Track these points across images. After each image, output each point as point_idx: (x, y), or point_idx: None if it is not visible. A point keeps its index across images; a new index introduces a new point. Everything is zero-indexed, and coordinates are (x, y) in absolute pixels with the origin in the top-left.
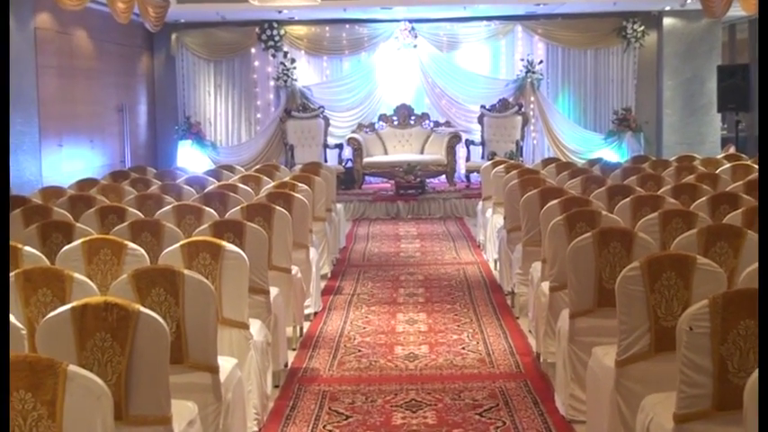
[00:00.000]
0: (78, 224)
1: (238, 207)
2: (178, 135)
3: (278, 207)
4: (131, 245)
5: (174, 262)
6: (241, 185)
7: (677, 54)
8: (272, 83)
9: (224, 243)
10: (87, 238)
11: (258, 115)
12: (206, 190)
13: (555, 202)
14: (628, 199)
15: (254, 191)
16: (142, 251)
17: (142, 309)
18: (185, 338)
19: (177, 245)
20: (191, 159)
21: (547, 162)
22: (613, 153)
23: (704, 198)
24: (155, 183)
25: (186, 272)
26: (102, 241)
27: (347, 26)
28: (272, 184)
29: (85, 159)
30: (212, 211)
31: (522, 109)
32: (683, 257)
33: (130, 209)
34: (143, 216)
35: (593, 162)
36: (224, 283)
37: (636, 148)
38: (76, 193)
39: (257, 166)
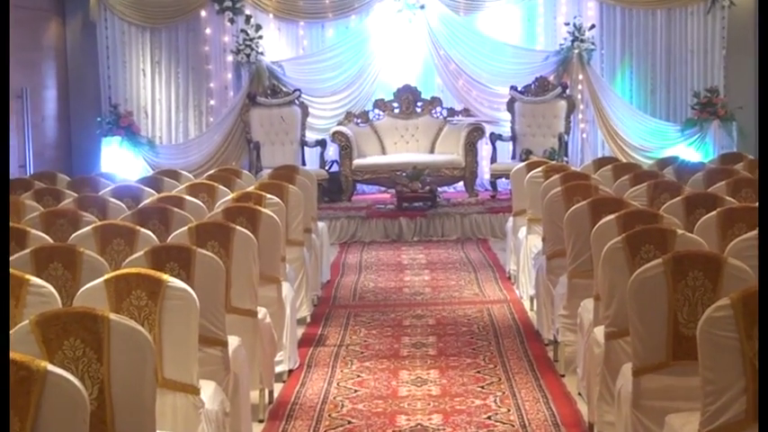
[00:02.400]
0: None
1: (185, 227)
2: (102, 130)
3: (239, 227)
4: (35, 280)
5: (97, 303)
6: (189, 198)
7: None
8: (230, 58)
9: (166, 277)
10: None
11: (212, 102)
12: (141, 204)
13: (611, 217)
14: (713, 213)
15: (207, 205)
16: (50, 288)
17: (50, 367)
18: (111, 408)
19: (101, 279)
20: (119, 163)
21: (601, 163)
22: (693, 150)
23: None
24: (69, 195)
25: (113, 316)
26: None
27: None
28: (231, 195)
29: None
30: (149, 232)
31: (567, 91)
32: None
33: (33, 231)
34: (51, 240)
35: (664, 162)
36: (165, 332)
37: (725, 143)
38: None
39: (211, 172)
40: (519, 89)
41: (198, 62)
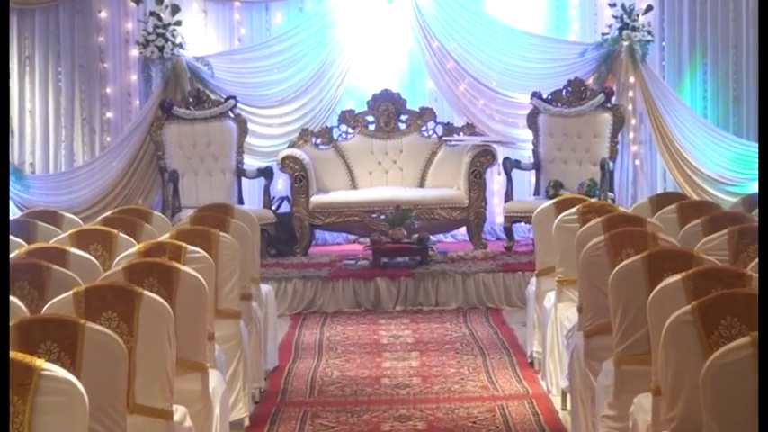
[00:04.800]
0: None
1: (69, 293)
2: None
3: (147, 292)
4: None
5: None
6: (74, 251)
7: None
8: (134, 52)
9: (39, 362)
10: None
11: (108, 115)
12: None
13: (677, 278)
14: None
15: (102, 260)
16: None
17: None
18: None
19: None
20: None
21: (661, 201)
22: None
23: None
24: None
25: None
26: None
27: None
28: (137, 247)
29: None
30: (16, 300)
31: (613, 99)
32: None
33: None
34: None
35: (752, 201)
36: None
37: None
38: None
39: (107, 214)
40: (544, 97)
41: (88, 58)
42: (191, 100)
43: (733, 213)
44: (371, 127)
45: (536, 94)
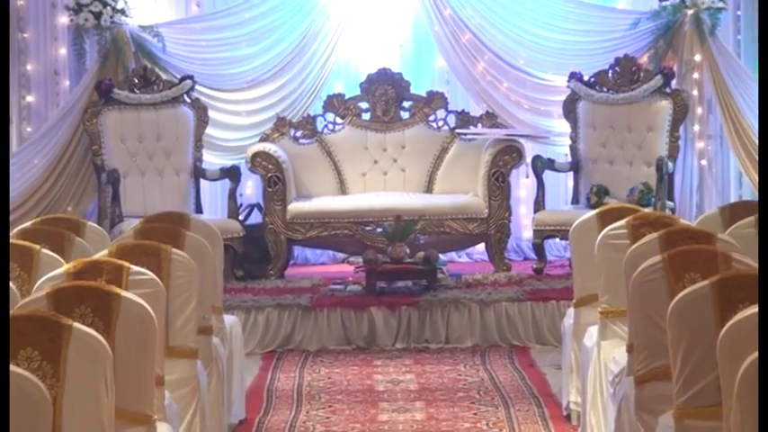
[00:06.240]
0: None
1: None
2: None
3: (78, 325)
4: None
5: None
6: None
7: None
8: (63, 20)
9: None
10: None
11: (29, 98)
12: None
13: (755, 310)
14: None
15: (19, 284)
16: None
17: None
18: None
19: None
20: None
21: (735, 212)
22: None
23: None
24: None
25: None
26: None
27: None
28: (65, 267)
29: None
30: None
31: (674, 82)
32: None
33: None
34: None
35: None
36: None
37: None
38: None
39: (26, 225)
40: (586, 79)
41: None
42: (135, 80)
43: None
44: (366, 116)
45: (575, 76)
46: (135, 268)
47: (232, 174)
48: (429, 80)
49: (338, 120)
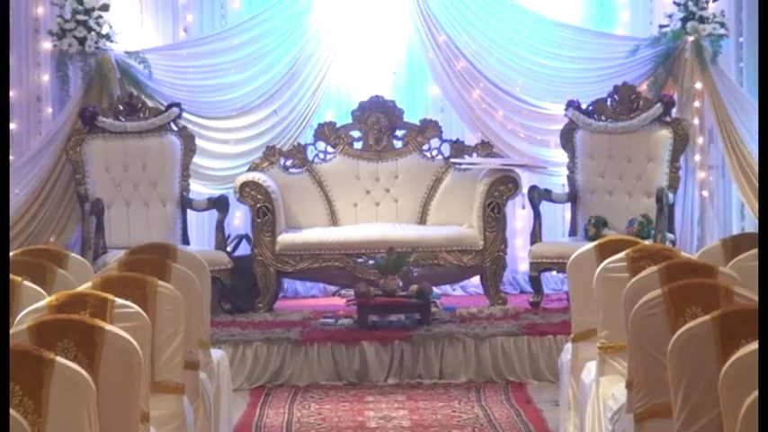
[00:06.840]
0: None
1: None
2: None
3: (61, 359)
4: None
5: None
6: None
7: None
8: (46, 45)
9: None
10: None
11: (11, 125)
12: None
13: (755, 347)
14: None
15: None
16: None
17: None
18: None
19: None
20: None
21: (737, 244)
22: None
23: None
24: None
25: None
26: None
27: None
28: (47, 300)
29: None
30: None
31: (674, 111)
32: None
33: None
34: None
35: None
36: None
37: None
38: None
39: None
40: (584, 107)
41: None
42: (121, 108)
43: None
44: (358, 145)
45: (572, 104)
46: (120, 301)
47: (220, 204)
48: (423, 108)
49: (329, 149)
